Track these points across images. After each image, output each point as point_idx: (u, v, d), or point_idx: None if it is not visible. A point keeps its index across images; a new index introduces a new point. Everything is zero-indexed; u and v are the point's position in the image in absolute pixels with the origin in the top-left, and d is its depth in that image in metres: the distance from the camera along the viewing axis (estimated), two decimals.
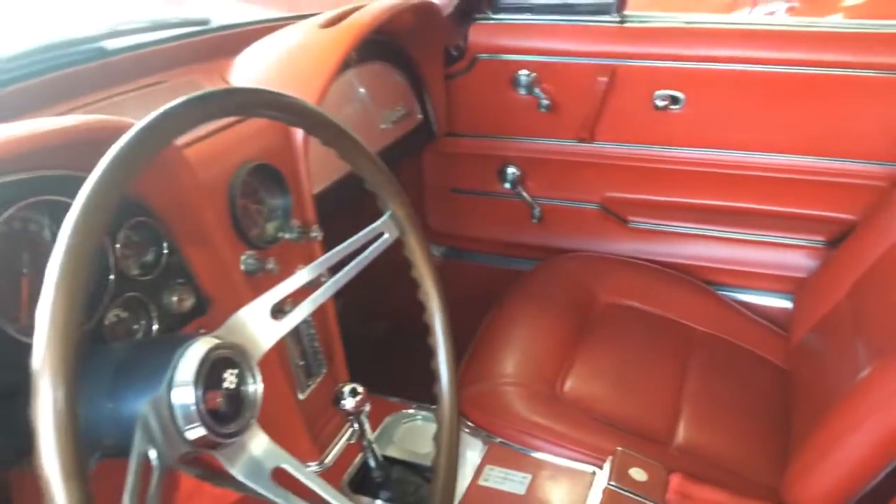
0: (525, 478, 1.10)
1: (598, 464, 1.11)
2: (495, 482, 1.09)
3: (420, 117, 1.68)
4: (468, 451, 1.15)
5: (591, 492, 1.07)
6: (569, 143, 1.69)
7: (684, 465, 1.10)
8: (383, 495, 1.06)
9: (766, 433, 1.23)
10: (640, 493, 1.02)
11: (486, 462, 1.13)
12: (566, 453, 1.14)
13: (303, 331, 1.12)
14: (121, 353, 0.63)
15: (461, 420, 1.18)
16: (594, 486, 1.08)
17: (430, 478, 0.83)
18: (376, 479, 1.06)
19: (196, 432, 0.57)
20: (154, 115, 0.58)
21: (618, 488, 1.02)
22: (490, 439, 1.18)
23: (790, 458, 1.11)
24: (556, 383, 1.29)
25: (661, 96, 1.55)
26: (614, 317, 1.50)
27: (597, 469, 1.10)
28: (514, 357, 1.34)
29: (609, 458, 1.08)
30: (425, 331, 0.86)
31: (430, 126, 1.70)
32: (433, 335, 0.85)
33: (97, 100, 1.03)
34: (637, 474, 1.05)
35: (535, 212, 1.78)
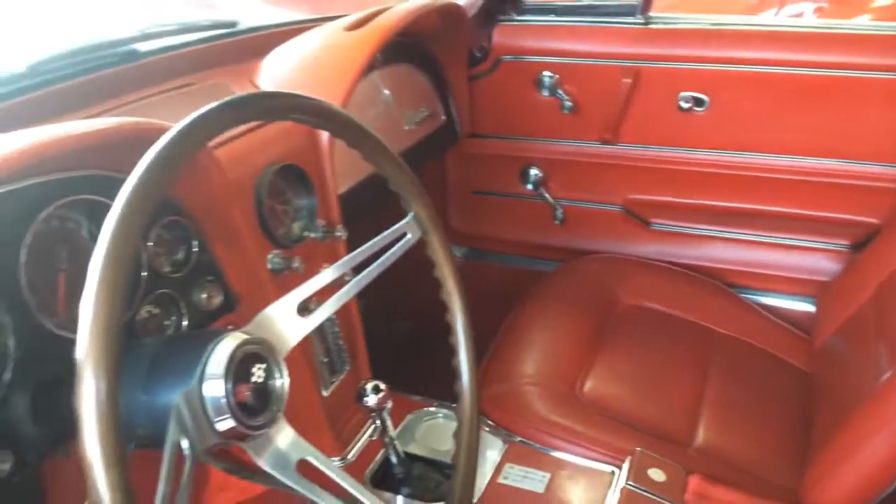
0: (544, 476, 1.11)
1: (616, 464, 1.11)
2: (515, 480, 1.10)
3: (444, 118, 1.68)
4: (488, 449, 1.16)
5: (610, 491, 1.07)
6: (592, 145, 1.69)
7: (703, 467, 1.10)
8: (404, 491, 1.07)
9: (786, 436, 1.22)
10: (658, 494, 1.03)
11: (506, 460, 1.14)
12: (585, 453, 1.14)
13: (327, 329, 1.13)
14: (154, 348, 0.65)
15: (481, 419, 1.19)
16: (613, 485, 1.08)
17: (451, 474, 0.83)
18: (398, 475, 1.07)
19: (226, 424, 0.59)
20: (191, 119, 0.60)
21: (636, 488, 1.03)
22: (510, 438, 1.18)
23: (810, 460, 1.11)
24: (577, 384, 1.30)
25: (685, 98, 1.54)
26: (635, 318, 1.50)
27: (615, 469, 1.11)
28: (534, 357, 1.35)
29: (628, 459, 1.09)
30: (447, 330, 0.86)
31: (453, 127, 1.70)
32: (455, 334, 0.85)
33: (128, 102, 1.05)
34: (655, 475, 1.05)
35: (558, 213, 1.78)
